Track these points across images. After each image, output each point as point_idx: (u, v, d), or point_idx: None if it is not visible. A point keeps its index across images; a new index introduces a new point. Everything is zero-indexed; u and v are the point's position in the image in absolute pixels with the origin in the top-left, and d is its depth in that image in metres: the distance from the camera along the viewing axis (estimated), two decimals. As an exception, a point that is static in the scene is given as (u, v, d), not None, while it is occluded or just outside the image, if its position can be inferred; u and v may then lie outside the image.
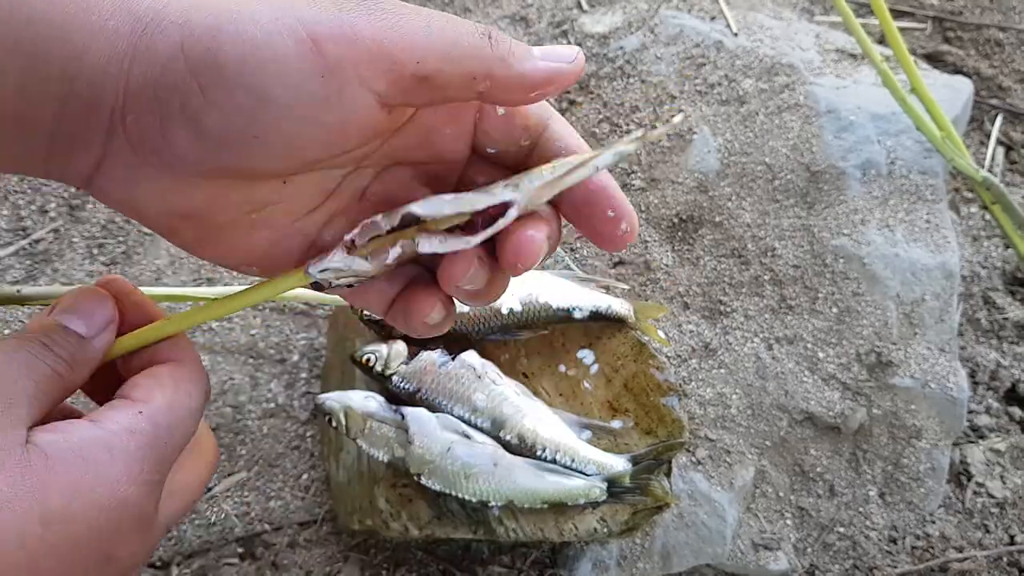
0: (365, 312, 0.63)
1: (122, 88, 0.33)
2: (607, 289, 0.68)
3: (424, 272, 0.40)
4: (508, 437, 0.61)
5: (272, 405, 0.74)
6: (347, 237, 0.36)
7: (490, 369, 0.62)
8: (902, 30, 0.95)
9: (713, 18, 0.86)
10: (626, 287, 0.72)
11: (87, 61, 0.32)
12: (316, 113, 0.32)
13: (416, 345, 0.63)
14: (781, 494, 0.69)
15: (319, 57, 0.32)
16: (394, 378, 0.62)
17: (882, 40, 0.95)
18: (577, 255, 0.77)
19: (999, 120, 0.91)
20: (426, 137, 0.37)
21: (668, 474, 0.62)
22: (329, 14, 0.32)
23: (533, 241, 0.35)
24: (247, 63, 0.31)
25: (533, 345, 0.66)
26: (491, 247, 0.36)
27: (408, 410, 0.61)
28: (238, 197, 0.35)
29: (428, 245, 0.35)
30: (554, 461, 0.61)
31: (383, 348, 0.63)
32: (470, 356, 0.63)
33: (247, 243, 0.37)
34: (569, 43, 0.87)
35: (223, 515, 0.69)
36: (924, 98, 0.74)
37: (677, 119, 0.37)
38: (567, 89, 0.52)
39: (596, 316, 0.65)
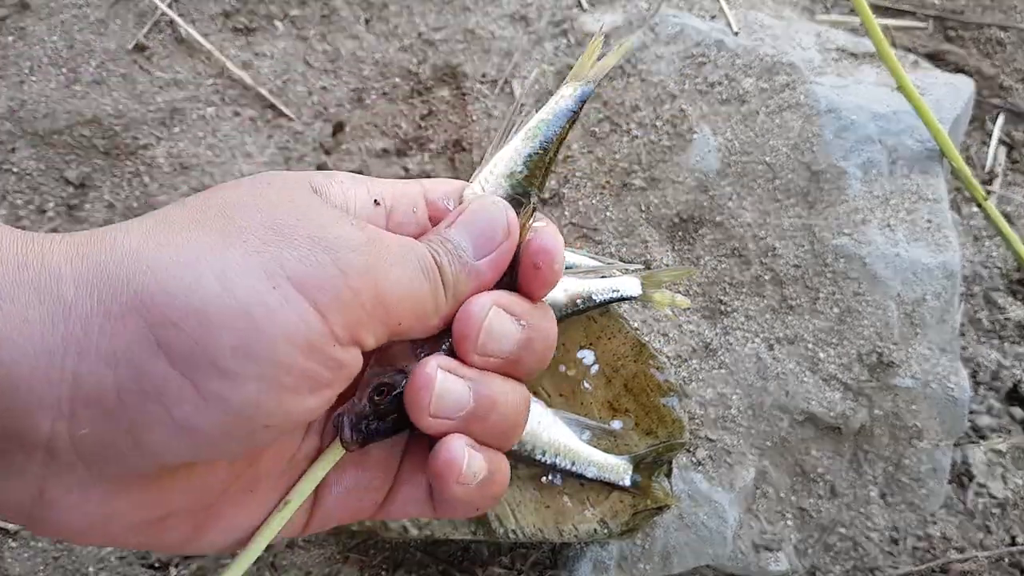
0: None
1: (65, 396, 0.26)
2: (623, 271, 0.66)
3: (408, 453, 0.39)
4: None
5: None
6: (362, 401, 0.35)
7: None
8: (903, 29, 0.95)
9: (713, 17, 0.86)
10: (639, 266, 0.71)
11: (8, 366, 0.26)
12: (322, 374, 0.31)
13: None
14: (782, 495, 0.69)
15: (326, 323, 0.30)
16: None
17: (883, 39, 0.95)
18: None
19: (1000, 119, 0.91)
20: None
21: (669, 475, 0.61)
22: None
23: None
24: (246, 343, 0.27)
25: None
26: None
27: None
28: (223, 473, 0.32)
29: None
30: (554, 466, 0.60)
31: None
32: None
33: (252, 501, 0.34)
34: (569, 43, 0.87)
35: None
36: (913, 100, 0.74)
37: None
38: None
39: (604, 304, 0.63)
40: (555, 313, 0.63)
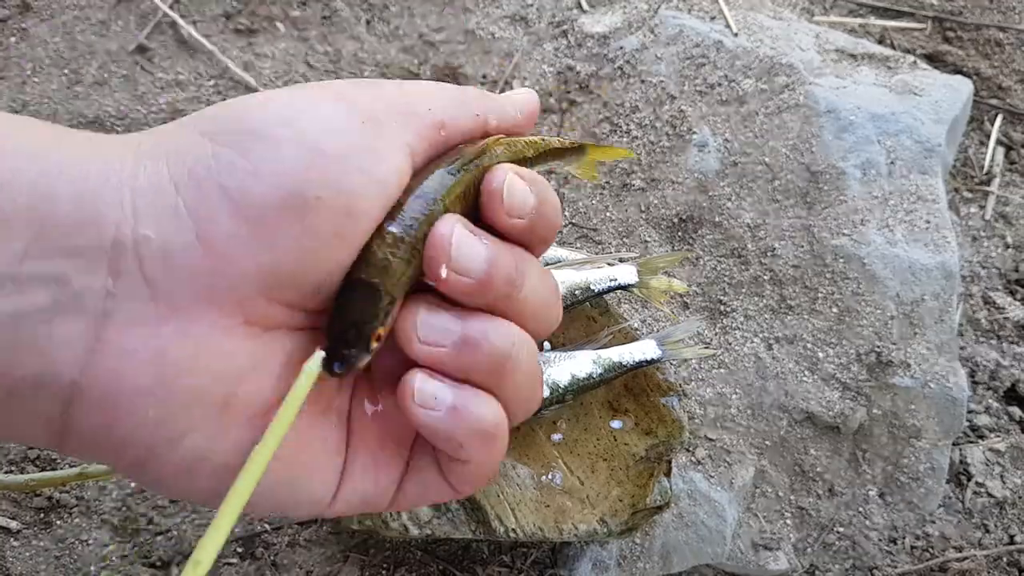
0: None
1: (128, 186, 0.27)
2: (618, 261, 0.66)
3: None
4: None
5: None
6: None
7: None
8: (902, 30, 0.95)
9: (713, 18, 0.86)
10: (634, 254, 0.71)
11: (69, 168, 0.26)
12: (368, 164, 0.30)
13: None
14: (781, 494, 0.69)
15: (354, 105, 0.30)
16: None
17: (881, 40, 0.95)
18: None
19: (999, 120, 0.91)
20: None
21: (668, 474, 0.62)
22: (354, 82, 0.32)
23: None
24: (287, 117, 0.29)
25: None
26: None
27: None
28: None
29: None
30: (599, 379, 0.61)
31: None
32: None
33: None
34: (569, 43, 0.87)
35: (223, 515, 0.69)
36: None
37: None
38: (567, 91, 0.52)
39: (602, 293, 0.63)
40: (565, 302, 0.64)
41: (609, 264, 0.64)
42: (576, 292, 0.62)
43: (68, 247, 0.26)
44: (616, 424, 0.64)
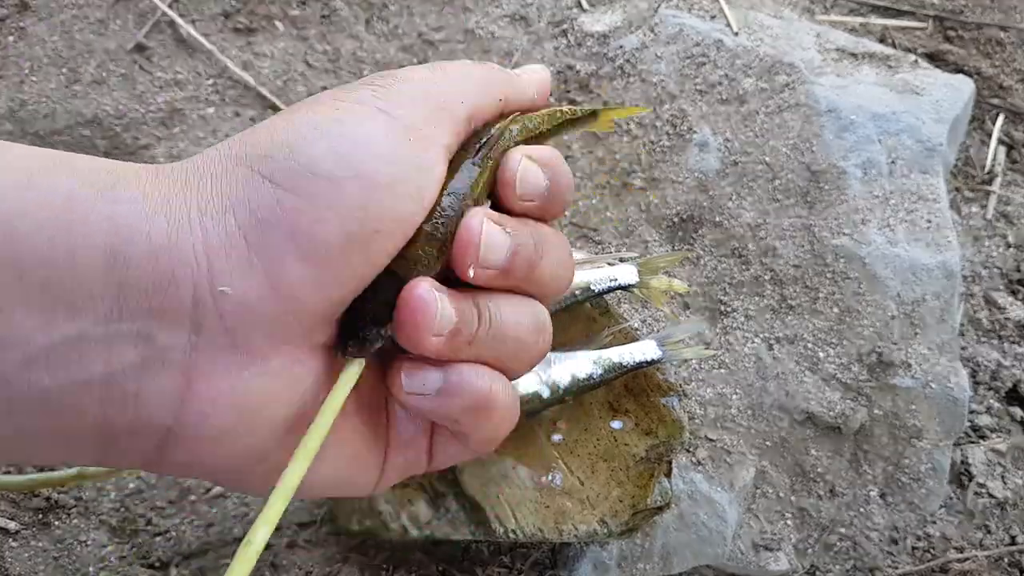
0: None
1: (199, 242, 0.28)
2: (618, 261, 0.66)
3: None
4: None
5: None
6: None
7: None
8: (902, 29, 0.95)
9: (713, 17, 0.86)
10: (634, 254, 0.71)
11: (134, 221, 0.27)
12: (416, 188, 0.31)
13: None
14: (782, 494, 0.69)
15: (397, 120, 0.32)
16: None
17: (882, 39, 0.95)
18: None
19: (1000, 119, 0.91)
20: None
21: (668, 474, 0.61)
22: (387, 83, 0.33)
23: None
24: (342, 153, 0.30)
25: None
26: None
27: None
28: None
29: None
30: (599, 380, 0.60)
31: None
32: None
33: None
34: (569, 43, 0.87)
35: (222, 515, 0.69)
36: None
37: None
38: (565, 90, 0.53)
39: (603, 293, 0.63)
40: (554, 305, 0.63)
41: (609, 264, 0.64)
42: (576, 292, 0.62)
43: (150, 308, 0.27)
44: (616, 424, 0.63)
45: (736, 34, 0.84)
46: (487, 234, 0.33)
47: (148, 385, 0.27)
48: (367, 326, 0.31)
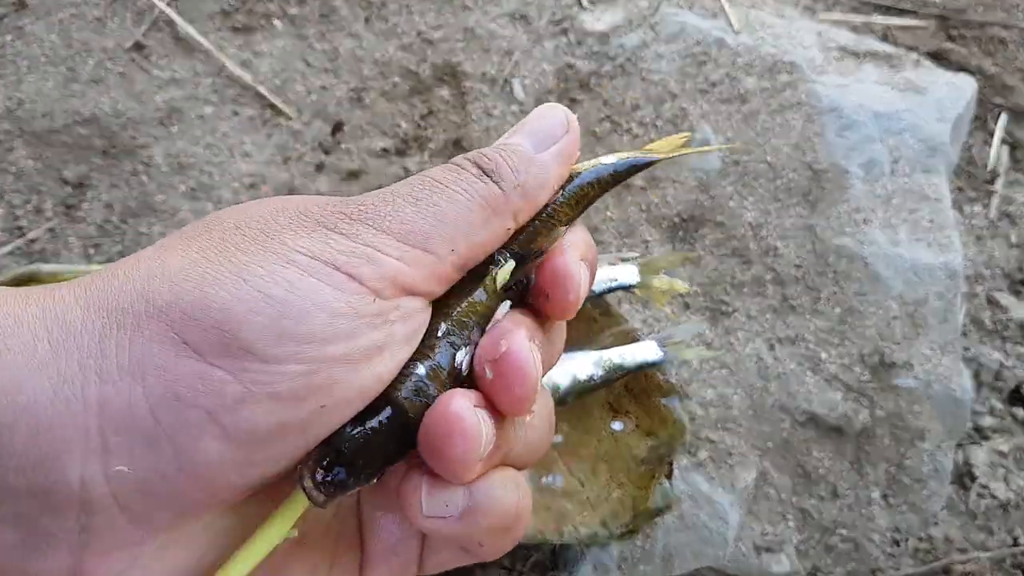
0: None
1: (93, 413, 0.23)
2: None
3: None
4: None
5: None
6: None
7: None
8: (905, 28, 0.95)
9: (714, 15, 0.86)
10: (635, 254, 0.70)
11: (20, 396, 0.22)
12: (380, 367, 0.26)
13: None
14: (783, 496, 0.69)
15: (361, 288, 0.25)
16: None
17: (884, 38, 0.95)
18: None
19: (1003, 118, 0.91)
20: None
21: (669, 476, 0.61)
22: (356, 238, 0.26)
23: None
24: (285, 329, 0.24)
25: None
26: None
27: None
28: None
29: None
30: (601, 381, 0.60)
31: None
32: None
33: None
34: (569, 41, 0.87)
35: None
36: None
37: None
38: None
39: (604, 293, 0.63)
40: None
41: (610, 264, 0.64)
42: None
43: (28, 487, 0.23)
44: (617, 426, 0.63)
45: (737, 33, 0.83)
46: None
47: (34, 565, 0.24)
48: (357, 476, 0.26)
